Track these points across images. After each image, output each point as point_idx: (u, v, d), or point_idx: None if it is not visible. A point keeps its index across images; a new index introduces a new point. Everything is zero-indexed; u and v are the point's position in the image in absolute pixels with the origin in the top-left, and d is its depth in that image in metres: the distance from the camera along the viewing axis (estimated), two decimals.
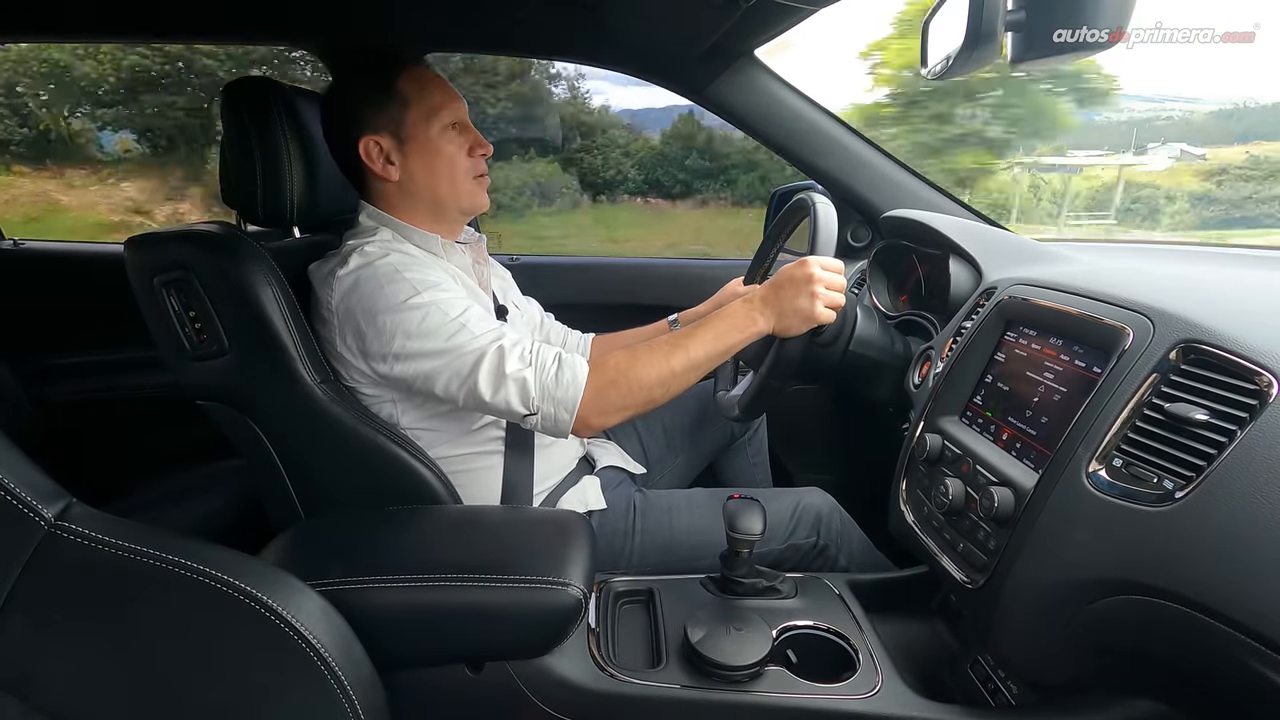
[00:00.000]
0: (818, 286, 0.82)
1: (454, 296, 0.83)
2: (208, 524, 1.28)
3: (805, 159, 1.31)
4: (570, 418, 0.80)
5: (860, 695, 0.71)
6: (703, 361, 0.83)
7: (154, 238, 0.84)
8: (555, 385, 0.79)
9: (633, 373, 0.81)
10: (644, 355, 0.83)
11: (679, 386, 0.83)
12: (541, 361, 0.81)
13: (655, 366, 0.82)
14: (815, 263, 0.83)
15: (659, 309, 1.23)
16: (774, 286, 0.85)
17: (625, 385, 0.81)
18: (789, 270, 0.84)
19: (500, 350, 0.80)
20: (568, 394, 0.79)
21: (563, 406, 0.80)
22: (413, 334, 0.79)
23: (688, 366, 0.82)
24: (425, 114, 0.87)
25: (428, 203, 0.91)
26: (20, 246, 1.56)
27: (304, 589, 0.57)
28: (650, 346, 0.84)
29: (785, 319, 0.83)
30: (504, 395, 0.79)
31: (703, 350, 0.83)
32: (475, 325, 0.81)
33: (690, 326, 0.86)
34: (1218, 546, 0.49)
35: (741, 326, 0.84)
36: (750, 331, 0.84)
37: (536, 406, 0.80)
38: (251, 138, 0.86)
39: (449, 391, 0.81)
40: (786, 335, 0.84)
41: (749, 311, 0.85)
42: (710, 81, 1.25)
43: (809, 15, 0.93)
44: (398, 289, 0.80)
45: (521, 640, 0.73)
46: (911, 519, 0.82)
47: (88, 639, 0.50)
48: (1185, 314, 0.60)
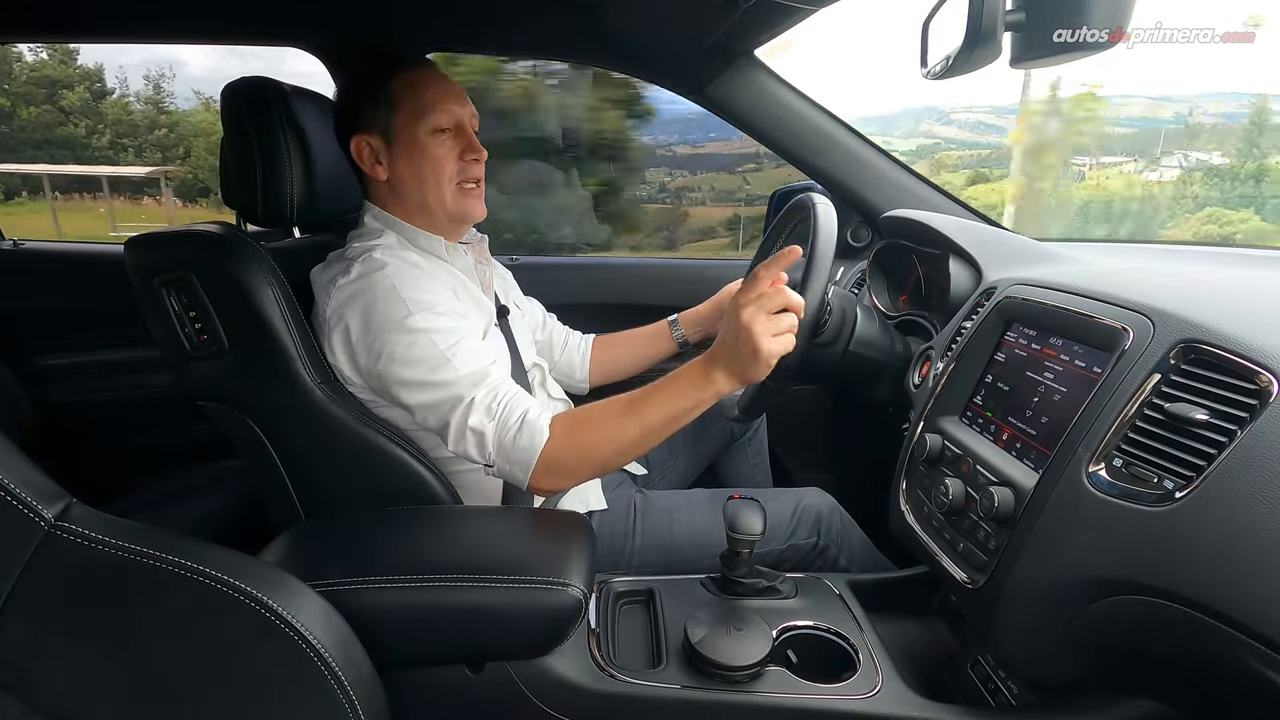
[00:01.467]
0: (756, 326, 0.74)
1: (447, 324, 0.82)
2: (208, 524, 1.28)
3: (805, 159, 1.31)
4: (525, 477, 0.80)
5: (860, 695, 0.71)
6: (659, 427, 0.79)
7: (154, 238, 0.84)
8: (512, 447, 0.79)
9: (587, 441, 0.79)
10: (599, 422, 0.80)
11: (634, 454, 0.81)
12: (504, 419, 0.80)
13: (609, 435, 0.80)
14: (744, 296, 0.75)
15: (659, 309, 1.23)
16: (719, 342, 0.79)
17: (578, 456, 0.80)
18: (728, 320, 0.77)
19: (471, 402, 0.80)
20: (522, 457, 0.79)
21: (518, 466, 0.79)
22: (397, 359, 0.80)
23: (644, 434, 0.79)
24: (413, 116, 0.86)
25: (416, 205, 0.91)
26: (20, 246, 1.56)
27: (304, 589, 0.56)
28: (607, 411, 0.80)
29: (743, 371, 0.77)
30: (464, 446, 0.81)
31: (659, 414, 0.79)
32: (461, 361, 0.80)
33: (650, 386, 0.81)
34: (1218, 546, 0.49)
35: (699, 386, 0.78)
36: (709, 391, 0.78)
37: (493, 461, 0.80)
38: (251, 138, 0.86)
39: (424, 424, 0.83)
40: (756, 380, 0.78)
41: (705, 370, 0.78)
42: (710, 81, 1.25)
43: (809, 15, 0.93)
44: (393, 307, 0.80)
45: (521, 640, 0.73)
46: (911, 519, 0.82)
47: (88, 639, 0.50)
48: (1185, 314, 0.60)
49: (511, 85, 3.08)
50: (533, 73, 3.11)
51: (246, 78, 0.88)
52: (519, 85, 3.09)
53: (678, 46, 1.13)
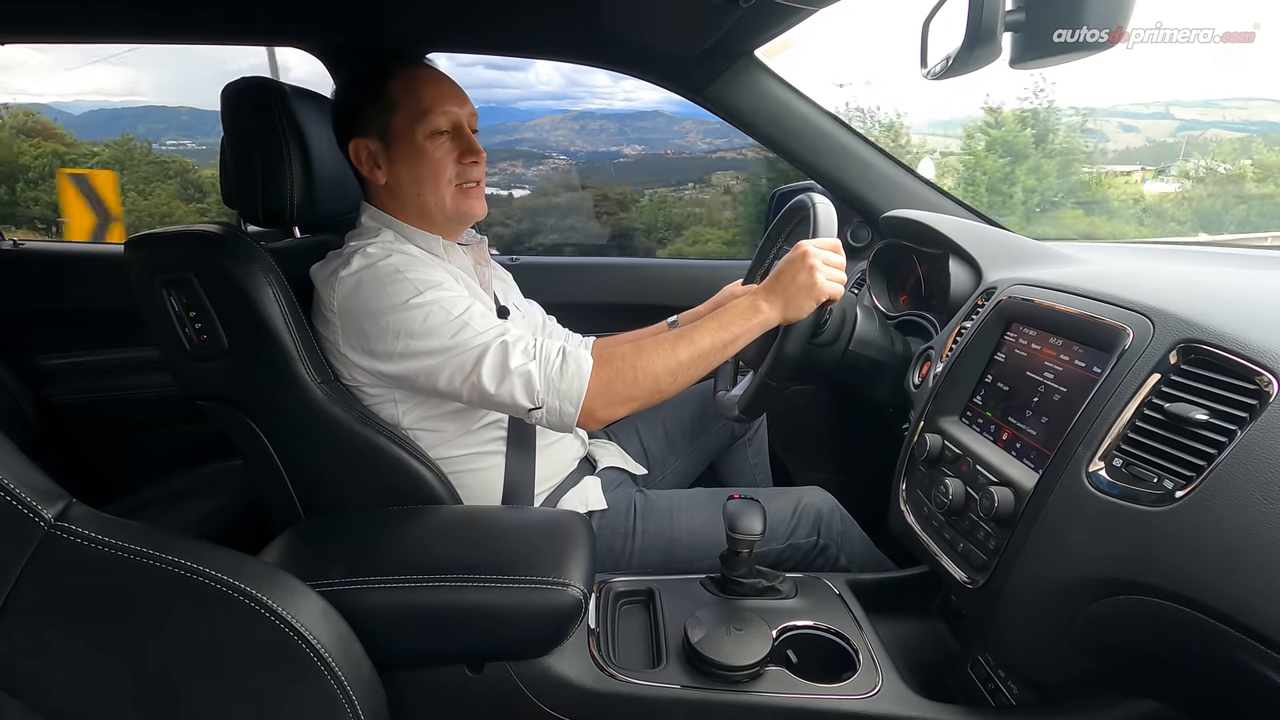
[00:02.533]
0: (815, 261, 0.83)
1: (456, 295, 0.82)
2: (208, 524, 1.28)
3: (805, 159, 1.31)
4: (575, 410, 0.79)
5: (860, 695, 0.71)
6: (709, 351, 0.83)
7: (154, 238, 0.84)
8: (560, 378, 0.79)
9: (640, 363, 0.81)
10: (651, 347, 0.83)
11: (686, 378, 0.83)
12: (545, 355, 0.80)
13: (662, 357, 0.82)
14: (809, 243, 0.85)
15: (659, 309, 1.23)
16: (774, 274, 0.86)
17: (632, 375, 0.81)
18: (786, 256, 0.86)
19: (504, 345, 0.79)
20: (572, 386, 0.79)
21: (568, 399, 0.79)
22: (416, 333, 0.79)
23: (694, 356, 0.82)
24: (411, 118, 0.86)
25: (415, 207, 0.90)
26: (20, 247, 1.56)
27: (304, 589, 0.56)
28: (657, 340, 0.84)
29: (791, 301, 0.84)
30: (508, 389, 0.79)
31: (709, 340, 0.83)
32: (478, 322, 0.81)
33: (694, 323, 0.86)
34: (1218, 546, 0.49)
35: (747, 315, 0.84)
36: (756, 320, 0.84)
37: (541, 400, 0.79)
38: (252, 138, 0.86)
39: (453, 386, 0.81)
40: (796, 318, 0.85)
41: (753, 301, 0.85)
42: (710, 81, 1.25)
43: (809, 15, 0.93)
44: (400, 289, 0.80)
45: (521, 640, 0.73)
46: (912, 519, 0.82)
47: (88, 639, 0.50)
48: (1185, 314, 0.60)
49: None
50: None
51: (247, 78, 0.88)
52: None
53: (678, 46, 1.13)
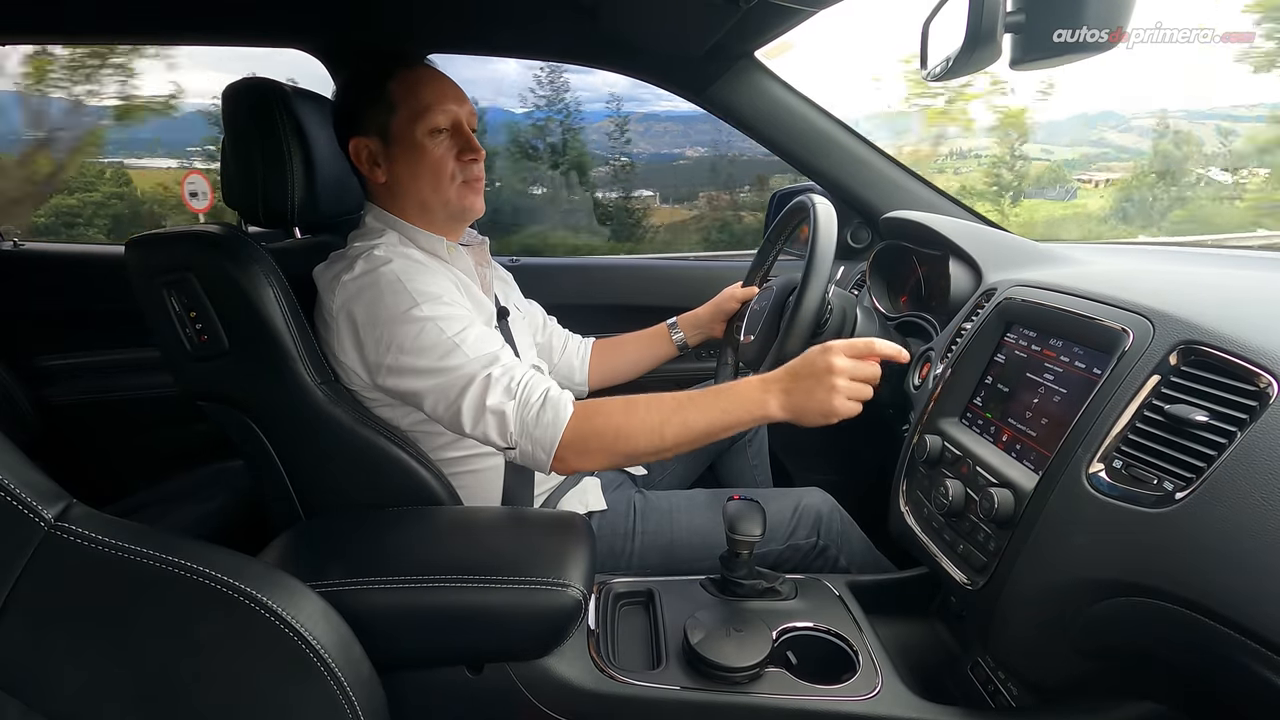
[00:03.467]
0: (838, 379, 0.75)
1: (453, 313, 0.81)
2: (208, 524, 1.28)
3: (805, 160, 1.31)
4: (548, 457, 0.78)
5: (860, 697, 0.71)
6: (700, 435, 0.78)
7: (155, 238, 0.84)
8: (535, 424, 0.77)
9: (625, 427, 0.78)
10: (640, 412, 0.78)
11: (667, 453, 0.79)
12: (526, 397, 0.78)
13: (648, 428, 0.78)
14: (840, 350, 0.76)
15: (659, 310, 1.23)
16: (792, 373, 0.78)
17: (611, 437, 0.78)
18: (811, 356, 0.78)
19: (488, 379, 0.78)
20: (546, 434, 0.77)
21: (540, 446, 0.78)
22: (406, 349, 0.79)
23: (681, 437, 0.78)
24: (411, 117, 0.86)
25: (416, 206, 0.90)
26: (20, 247, 1.56)
27: (304, 590, 0.56)
28: (649, 404, 0.79)
29: (800, 410, 0.77)
30: (483, 428, 0.78)
31: (703, 423, 0.78)
32: (470, 346, 0.80)
33: (698, 391, 0.81)
34: (1218, 548, 0.49)
35: (750, 408, 0.78)
36: (758, 415, 0.78)
37: (515, 441, 0.78)
38: (253, 138, 0.86)
39: (435, 413, 0.81)
40: (801, 425, 0.78)
41: (762, 394, 0.78)
42: (711, 83, 1.25)
43: (809, 16, 0.93)
44: (399, 299, 0.80)
45: (521, 641, 0.73)
46: (911, 520, 0.82)
47: (88, 640, 0.50)
48: (1185, 315, 0.60)
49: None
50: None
51: (247, 78, 0.88)
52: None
53: (678, 48, 1.13)
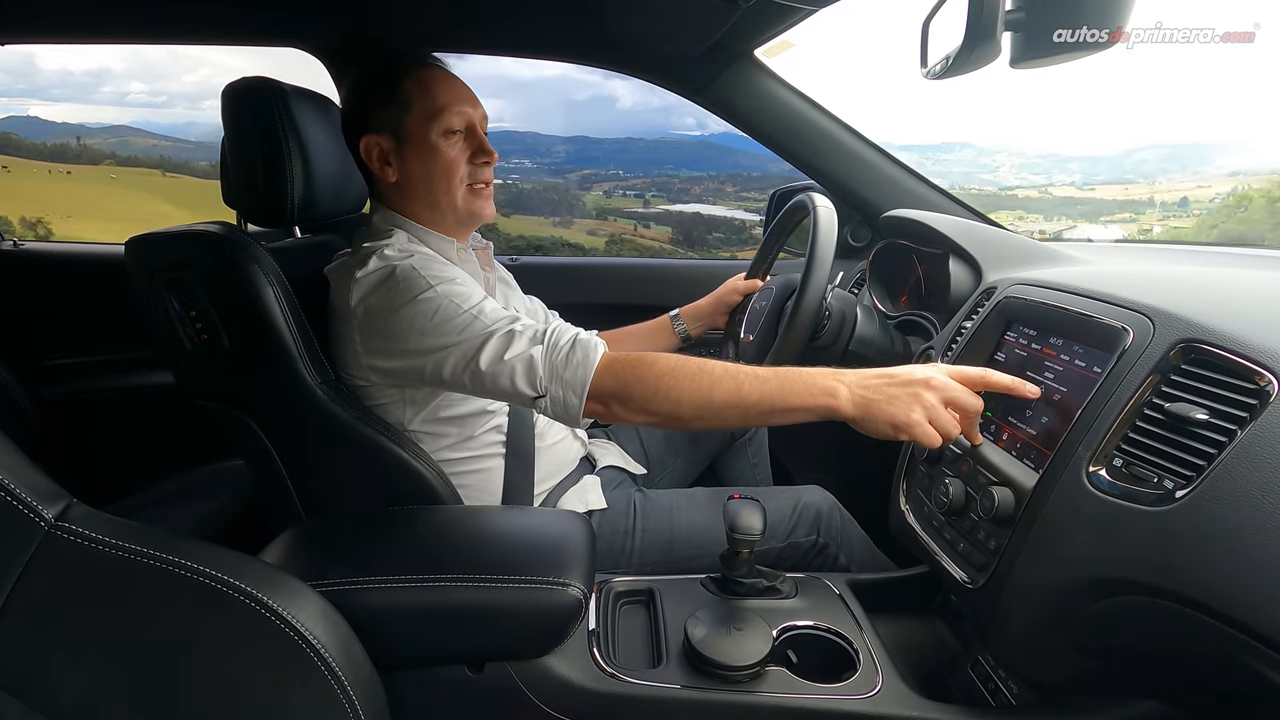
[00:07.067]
0: (929, 395, 0.66)
1: (468, 290, 0.81)
2: (208, 524, 1.27)
3: (805, 159, 1.31)
4: (580, 401, 0.73)
5: (860, 695, 0.71)
6: (751, 407, 0.70)
7: (154, 238, 0.84)
8: (564, 366, 0.73)
9: (666, 379, 0.72)
10: (690, 369, 0.72)
11: (712, 420, 0.72)
12: (554, 341, 0.75)
13: (695, 387, 0.71)
14: (946, 371, 0.69)
15: (659, 309, 1.23)
16: (885, 375, 0.70)
17: (653, 388, 0.72)
18: (913, 365, 0.71)
19: (510, 333, 0.76)
20: (576, 376, 0.73)
21: (571, 389, 0.73)
22: (426, 329, 0.78)
23: (729, 404, 0.70)
24: (425, 116, 0.86)
25: (426, 206, 0.91)
26: (20, 247, 1.56)
27: (304, 589, 0.56)
28: (702, 364, 0.73)
29: (872, 412, 0.68)
30: (508, 376, 0.75)
31: (756, 395, 0.70)
32: (488, 317, 0.79)
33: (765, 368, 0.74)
34: (1218, 546, 0.49)
35: (815, 393, 0.69)
36: (823, 403, 0.69)
37: (544, 388, 0.74)
38: (253, 138, 0.86)
39: (455, 375, 0.78)
40: (863, 430, 0.70)
41: (833, 382, 0.70)
42: (711, 82, 1.25)
43: (809, 15, 0.93)
44: (413, 283, 0.80)
45: (521, 640, 0.73)
46: (912, 519, 0.82)
47: (88, 640, 0.50)
48: (1185, 314, 0.60)
49: None
50: None
51: (247, 78, 0.88)
52: None
53: (678, 46, 1.13)
